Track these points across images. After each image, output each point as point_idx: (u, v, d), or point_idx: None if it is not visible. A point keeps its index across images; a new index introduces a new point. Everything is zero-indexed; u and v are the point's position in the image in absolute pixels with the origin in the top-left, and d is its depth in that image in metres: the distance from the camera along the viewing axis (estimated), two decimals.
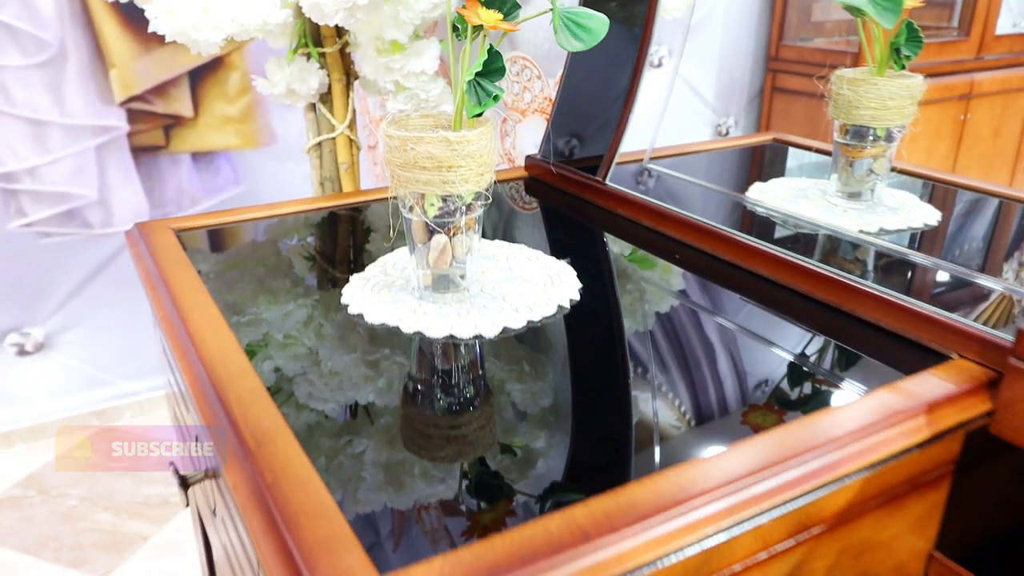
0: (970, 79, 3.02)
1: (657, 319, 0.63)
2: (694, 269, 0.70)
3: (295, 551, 0.35)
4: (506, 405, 0.50)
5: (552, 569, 0.35)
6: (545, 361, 0.56)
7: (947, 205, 0.90)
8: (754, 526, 0.40)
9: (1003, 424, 0.48)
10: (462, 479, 0.44)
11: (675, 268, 0.70)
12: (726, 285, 0.68)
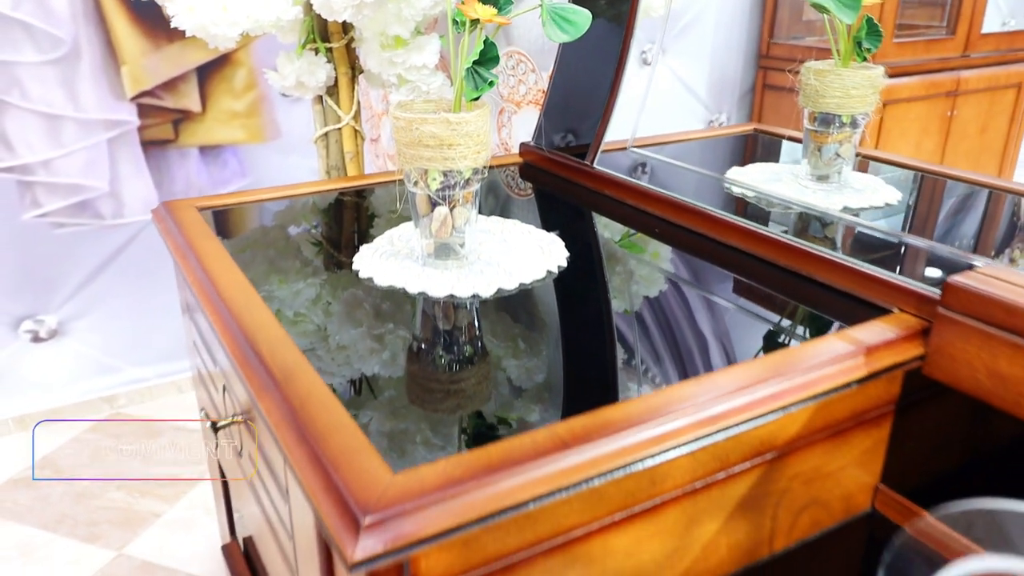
0: (956, 76, 3.12)
1: (637, 283, 0.70)
2: (672, 242, 0.77)
3: (322, 458, 0.42)
4: (502, 353, 0.57)
5: (536, 469, 0.42)
6: (535, 317, 0.63)
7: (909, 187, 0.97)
8: (712, 443, 0.47)
9: (934, 366, 0.55)
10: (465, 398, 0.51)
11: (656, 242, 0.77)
12: (700, 255, 0.75)
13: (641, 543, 0.49)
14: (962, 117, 3.43)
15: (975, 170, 3.00)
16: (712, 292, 0.69)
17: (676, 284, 0.70)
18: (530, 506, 0.41)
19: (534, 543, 0.44)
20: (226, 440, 0.67)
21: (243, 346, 0.54)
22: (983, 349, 0.52)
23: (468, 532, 0.40)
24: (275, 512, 0.55)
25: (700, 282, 0.71)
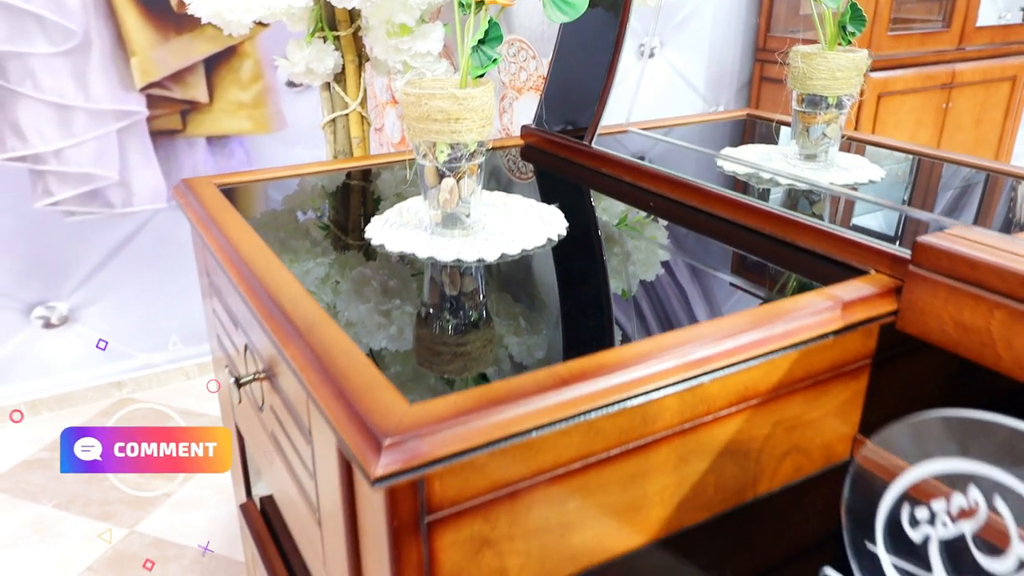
0: (951, 69, 3.19)
1: (631, 251, 0.74)
2: (666, 216, 0.82)
3: (346, 393, 0.47)
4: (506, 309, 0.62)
5: (537, 402, 0.46)
6: (537, 278, 0.68)
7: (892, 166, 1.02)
8: (698, 384, 0.52)
9: (906, 321, 0.59)
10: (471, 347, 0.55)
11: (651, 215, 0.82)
12: (691, 227, 0.79)
13: (634, 479, 0.53)
14: (957, 109, 3.48)
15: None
16: (702, 258, 0.74)
17: (669, 251, 0.75)
18: (531, 435, 0.45)
19: (536, 473, 0.49)
20: (247, 397, 0.71)
21: (267, 302, 0.58)
22: (949, 302, 0.56)
23: (476, 457, 0.45)
24: (297, 457, 0.60)
25: (691, 250, 0.76)
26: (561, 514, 0.51)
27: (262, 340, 0.63)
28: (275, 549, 0.81)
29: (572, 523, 0.52)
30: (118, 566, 1.60)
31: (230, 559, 1.61)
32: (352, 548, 0.50)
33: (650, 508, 0.56)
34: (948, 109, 3.44)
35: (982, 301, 0.54)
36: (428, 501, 0.45)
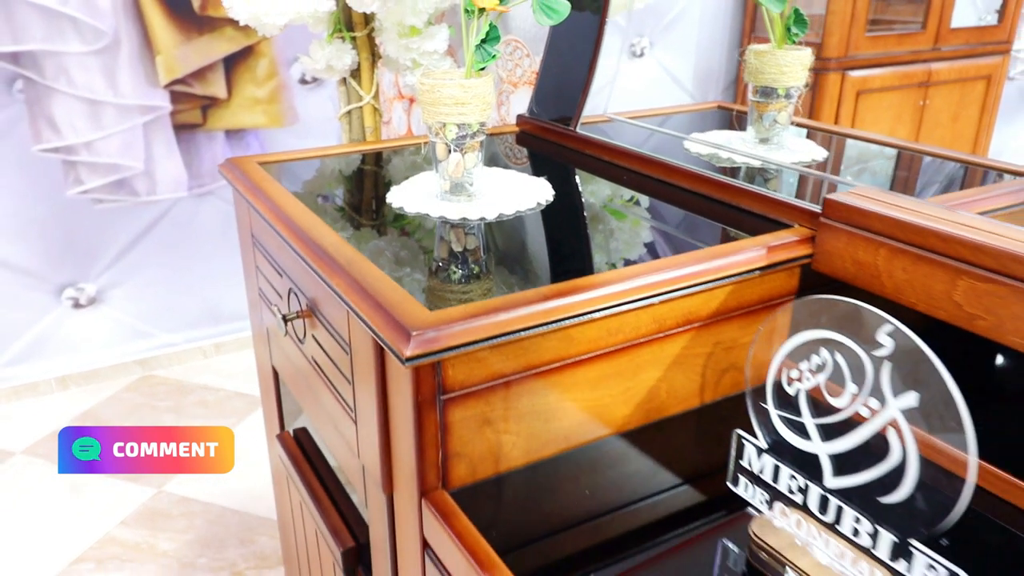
0: (928, 68, 3.41)
1: (606, 214, 0.90)
2: (635, 187, 0.97)
3: (383, 304, 0.62)
4: (502, 253, 0.77)
5: (526, 310, 0.62)
6: (527, 232, 0.83)
7: (837, 148, 1.17)
8: (649, 304, 0.67)
9: (819, 262, 0.75)
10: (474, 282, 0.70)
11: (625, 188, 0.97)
12: (657, 196, 0.94)
13: (601, 380, 0.69)
14: (934, 106, 3.69)
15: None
16: (662, 220, 0.89)
17: (637, 214, 0.90)
18: (519, 334, 0.61)
19: (524, 368, 0.64)
20: (290, 332, 0.86)
21: (313, 247, 0.74)
22: (849, 245, 0.72)
23: (478, 350, 0.60)
24: (336, 370, 0.75)
25: (656, 212, 0.91)
26: (544, 404, 0.67)
27: (307, 280, 0.78)
28: (309, 467, 0.97)
29: (552, 412, 0.67)
30: (148, 520, 1.75)
31: (252, 515, 1.77)
32: (383, 426, 0.66)
33: (614, 406, 0.71)
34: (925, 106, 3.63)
35: (871, 242, 0.69)
36: (443, 383, 0.61)
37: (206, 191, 2.27)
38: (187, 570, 1.61)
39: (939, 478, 0.46)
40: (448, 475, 0.64)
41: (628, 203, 0.94)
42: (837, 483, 0.52)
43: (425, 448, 0.62)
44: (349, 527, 0.87)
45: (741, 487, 0.59)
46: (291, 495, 1.04)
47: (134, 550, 1.66)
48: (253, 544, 1.68)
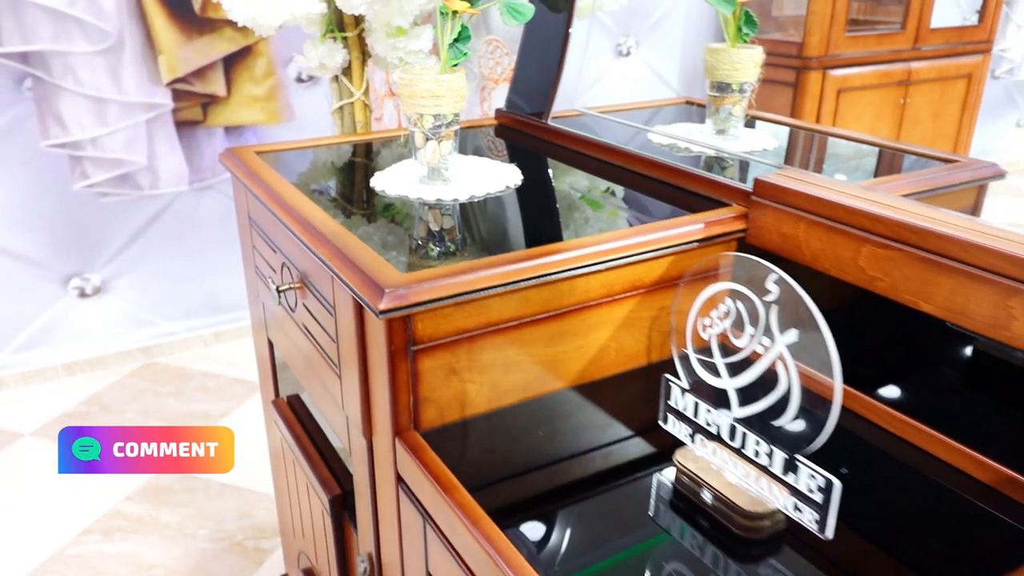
0: (908, 67, 3.53)
1: (568, 196, 0.99)
2: (598, 172, 1.07)
3: (363, 269, 0.71)
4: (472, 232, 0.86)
5: (485, 272, 0.71)
6: (496, 211, 0.93)
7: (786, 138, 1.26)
8: (596, 270, 0.76)
9: (752, 236, 0.84)
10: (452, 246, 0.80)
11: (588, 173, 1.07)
12: (616, 180, 1.04)
13: (555, 337, 0.78)
14: (915, 105, 3.80)
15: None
16: (617, 200, 0.99)
17: (594, 197, 1.00)
18: (479, 293, 0.70)
19: (486, 325, 0.74)
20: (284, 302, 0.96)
21: (303, 223, 0.83)
22: (776, 220, 0.81)
23: (444, 306, 0.69)
24: (323, 331, 0.84)
25: (612, 195, 1.01)
26: (504, 357, 0.76)
27: (298, 254, 0.88)
28: (301, 428, 1.06)
29: (512, 365, 0.77)
30: (152, 495, 1.85)
31: (250, 491, 1.86)
32: (363, 377, 0.75)
33: (568, 362, 0.80)
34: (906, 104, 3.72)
35: (793, 217, 0.79)
36: (413, 336, 0.70)
37: (206, 185, 2.36)
38: (188, 540, 1.70)
39: (815, 402, 0.55)
40: (419, 418, 0.74)
41: (588, 186, 1.03)
42: (741, 413, 0.61)
43: (398, 393, 0.72)
44: (336, 478, 0.96)
45: (670, 424, 0.69)
46: (285, 455, 1.13)
47: (138, 523, 1.76)
48: (251, 517, 1.77)
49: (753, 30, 1.15)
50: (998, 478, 0.64)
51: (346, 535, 0.96)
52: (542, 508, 0.67)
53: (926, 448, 0.70)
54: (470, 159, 1.06)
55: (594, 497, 0.69)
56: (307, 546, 1.14)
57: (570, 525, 0.65)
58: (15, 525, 1.75)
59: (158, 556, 1.66)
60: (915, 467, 0.70)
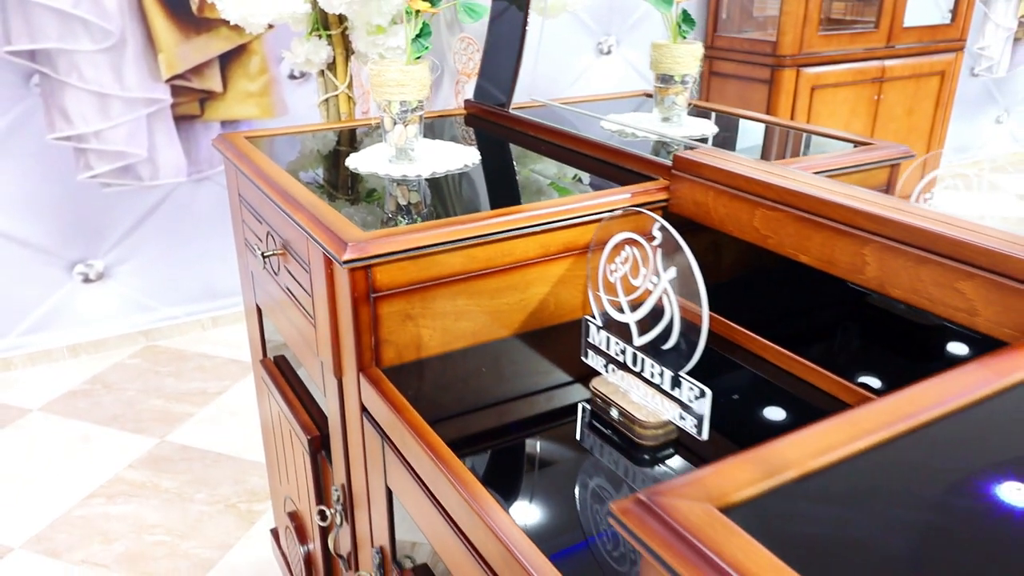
0: (881, 65, 3.69)
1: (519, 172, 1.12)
2: (549, 154, 1.19)
3: (331, 228, 0.84)
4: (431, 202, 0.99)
5: (434, 232, 0.84)
6: (454, 187, 1.05)
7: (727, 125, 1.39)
8: (532, 233, 0.89)
9: (673, 205, 0.97)
10: None
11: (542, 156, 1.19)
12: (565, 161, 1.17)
13: (498, 291, 0.91)
14: (889, 101, 3.95)
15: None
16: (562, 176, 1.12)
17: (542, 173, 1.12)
18: (428, 250, 0.83)
19: (437, 278, 0.86)
20: (268, 267, 1.09)
21: (286, 196, 0.96)
22: (691, 191, 0.94)
23: (399, 260, 0.82)
24: (301, 288, 0.97)
25: (558, 172, 1.13)
26: (453, 307, 0.89)
27: (280, 223, 1.00)
28: (284, 381, 1.19)
29: (461, 314, 0.90)
30: (152, 464, 1.97)
31: (245, 460, 1.99)
32: (332, 322, 0.88)
33: (511, 313, 0.93)
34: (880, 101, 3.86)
35: (704, 187, 0.92)
36: (374, 285, 0.83)
37: (204, 177, 2.49)
38: (186, 503, 1.83)
39: (690, 327, 0.68)
40: (379, 356, 0.86)
41: (539, 165, 1.16)
42: (640, 342, 0.74)
43: (361, 334, 0.84)
44: (315, 422, 1.09)
45: (590, 358, 0.81)
46: (271, 407, 1.26)
47: (140, 488, 1.88)
48: (245, 483, 1.90)
49: (691, 27, 1.27)
50: (838, 387, 0.77)
51: (323, 472, 1.09)
52: (484, 433, 0.80)
53: (795, 372, 0.83)
54: (436, 142, 1.19)
55: (529, 422, 0.81)
56: (291, 491, 1.26)
57: (508, 446, 0.78)
58: (24, 490, 1.88)
59: (158, 517, 1.79)
60: (782, 385, 0.82)
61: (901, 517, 0.43)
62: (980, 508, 0.44)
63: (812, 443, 0.47)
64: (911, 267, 0.71)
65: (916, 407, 0.51)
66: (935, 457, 0.48)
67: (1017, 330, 0.63)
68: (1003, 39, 4.73)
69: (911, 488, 0.45)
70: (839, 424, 0.49)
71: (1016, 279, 0.63)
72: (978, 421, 0.51)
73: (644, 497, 0.43)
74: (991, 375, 0.54)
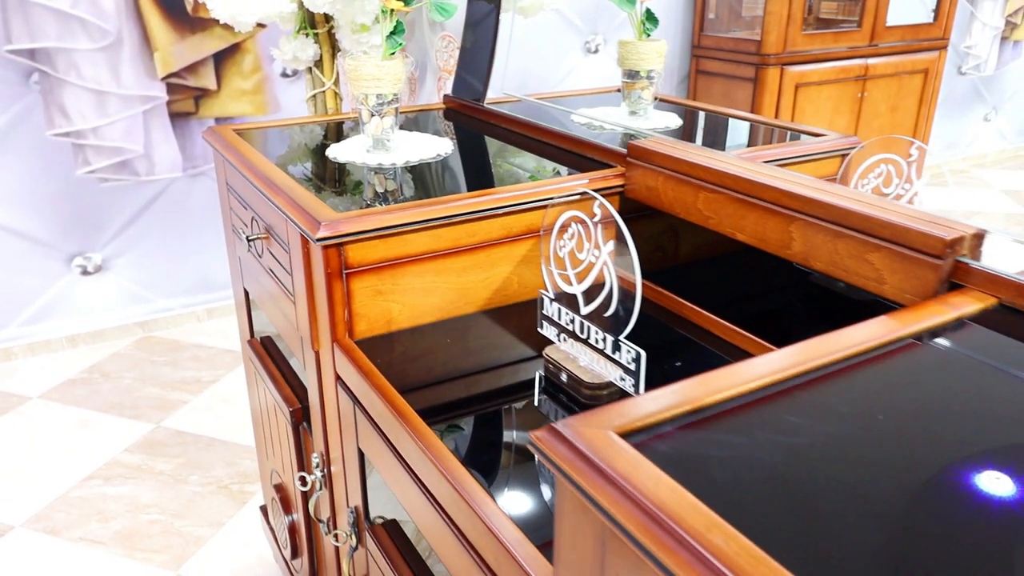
0: (865, 63, 3.79)
1: (486, 160, 1.19)
2: (518, 144, 1.26)
3: (308, 211, 0.91)
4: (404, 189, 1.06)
5: (402, 213, 0.91)
6: (426, 174, 1.13)
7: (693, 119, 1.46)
8: (494, 215, 0.96)
9: (628, 191, 1.04)
10: None
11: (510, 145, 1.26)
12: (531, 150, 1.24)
13: (464, 269, 0.98)
14: (873, 98, 4.03)
15: (887, 145, 3.65)
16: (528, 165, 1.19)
17: (509, 162, 1.20)
18: (396, 229, 0.90)
19: (406, 255, 0.93)
20: (253, 250, 1.16)
21: (268, 182, 1.03)
22: (644, 176, 1.01)
23: (369, 239, 0.89)
24: (281, 267, 1.04)
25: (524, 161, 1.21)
26: (422, 284, 0.96)
27: (263, 208, 1.08)
28: (269, 359, 1.26)
29: (429, 290, 0.97)
30: (148, 448, 2.05)
31: (237, 444, 2.06)
32: (309, 297, 0.95)
33: (477, 290, 1.00)
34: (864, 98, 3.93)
35: (655, 172, 0.99)
36: (346, 262, 0.90)
37: (199, 172, 2.56)
38: (181, 485, 1.90)
39: (627, 295, 0.75)
40: (352, 329, 0.93)
41: (508, 154, 1.23)
42: (585, 311, 0.81)
43: (335, 307, 0.91)
44: (297, 396, 1.16)
45: (544, 329, 0.88)
46: (258, 384, 1.33)
47: (136, 470, 1.95)
48: (237, 466, 1.97)
49: (655, 25, 1.34)
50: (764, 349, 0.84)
51: (304, 442, 1.16)
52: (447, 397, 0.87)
53: (728, 338, 0.90)
54: (411, 133, 1.26)
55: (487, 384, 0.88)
56: (277, 464, 1.33)
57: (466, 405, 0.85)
58: (24, 474, 1.95)
59: (153, 498, 1.86)
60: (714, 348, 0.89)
61: (777, 441, 0.50)
62: (856, 435, 0.51)
63: (709, 383, 0.55)
64: (830, 241, 0.78)
65: (808, 355, 0.58)
66: (822, 395, 0.55)
67: (917, 295, 0.71)
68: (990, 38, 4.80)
69: (791, 418, 0.53)
70: (736, 368, 0.56)
71: (915, 249, 0.70)
72: (866, 371, 0.58)
73: (557, 426, 0.50)
74: (881, 330, 0.62)
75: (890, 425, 0.51)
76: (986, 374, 0.58)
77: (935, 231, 0.68)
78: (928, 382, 0.57)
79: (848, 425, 0.51)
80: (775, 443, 0.50)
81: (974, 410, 0.54)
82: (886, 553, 0.41)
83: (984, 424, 0.52)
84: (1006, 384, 0.57)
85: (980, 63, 4.58)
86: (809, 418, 0.52)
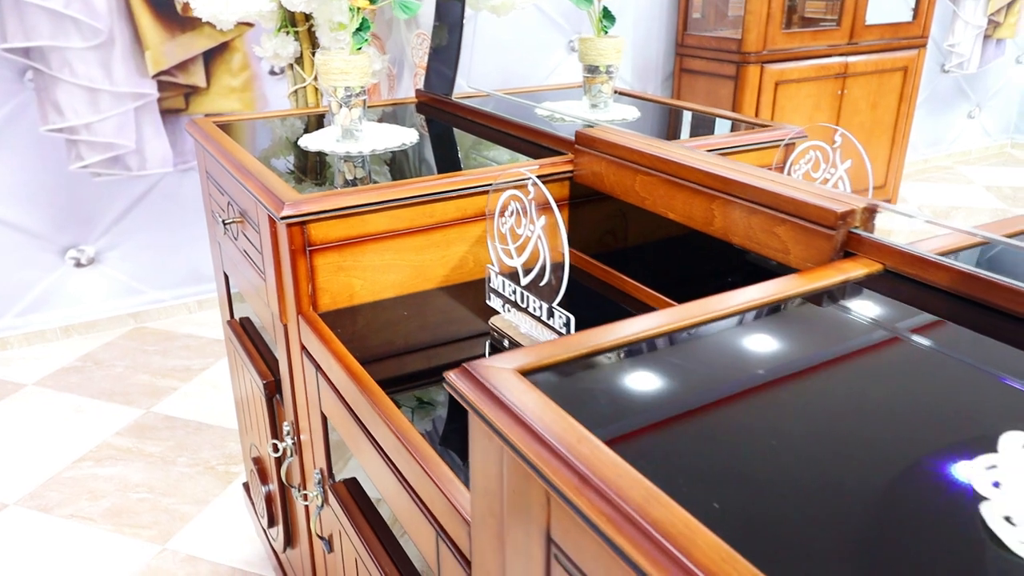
0: (844, 61, 3.88)
1: (448, 148, 1.27)
2: (480, 134, 1.34)
3: (276, 193, 0.99)
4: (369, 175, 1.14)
5: (361, 195, 0.98)
6: (394, 161, 1.20)
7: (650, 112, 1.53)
8: (448, 197, 1.04)
9: (577, 176, 1.12)
10: None
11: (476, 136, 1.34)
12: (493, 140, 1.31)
13: (424, 248, 1.06)
14: (852, 96, 4.11)
15: (868, 141, 3.80)
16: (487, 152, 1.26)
17: (467, 150, 1.27)
18: (356, 209, 0.98)
19: (366, 234, 1.01)
20: (229, 233, 1.23)
21: (242, 169, 1.11)
22: (589, 162, 1.09)
23: (330, 218, 0.97)
24: (253, 247, 1.12)
25: (483, 149, 1.28)
26: (382, 261, 1.04)
27: (238, 192, 1.15)
28: (247, 337, 1.34)
29: (389, 267, 1.04)
30: (137, 432, 2.12)
31: (224, 427, 2.13)
32: (277, 273, 1.03)
33: (434, 268, 1.08)
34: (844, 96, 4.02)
35: (599, 158, 1.06)
36: (309, 239, 0.98)
37: (189, 167, 2.64)
38: (169, 466, 1.98)
39: (557, 266, 0.83)
40: (316, 302, 1.01)
41: (470, 144, 1.31)
42: (525, 281, 0.89)
43: (299, 282, 0.99)
44: (271, 370, 1.24)
45: (492, 300, 0.96)
46: (236, 361, 1.41)
47: (126, 452, 2.03)
48: (224, 448, 2.04)
49: (612, 23, 1.42)
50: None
51: (277, 413, 1.23)
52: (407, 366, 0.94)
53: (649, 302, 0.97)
54: (379, 124, 1.34)
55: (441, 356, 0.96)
56: (255, 437, 1.41)
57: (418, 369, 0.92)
58: (18, 456, 2.03)
59: (142, 478, 1.93)
60: None
61: (656, 375, 0.58)
62: (715, 372, 0.58)
63: (610, 332, 0.62)
64: (744, 217, 0.85)
65: (702, 310, 0.66)
66: (708, 341, 0.63)
67: (815, 263, 0.78)
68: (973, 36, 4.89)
69: (673, 359, 0.60)
70: (632, 321, 0.64)
71: (812, 221, 0.77)
72: (753, 321, 0.66)
73: (467, 366, 0.58)
74: (773, 289, 0.69)
75: (750, 364, 0.59)
76: (855, 328, 0.65)
77: (829, 204, 0.76)
78: (798, 332, 0.64)
79: (713, 367, 0.59)
80: (651, 378, 0.58)
81: (832, 356, 0.61)
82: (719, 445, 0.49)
83: (842, 374, 0.60)
84: (868, 335, 0.64)
85: (963, 61, 4.66)
86: (687, 359, 0.60)
